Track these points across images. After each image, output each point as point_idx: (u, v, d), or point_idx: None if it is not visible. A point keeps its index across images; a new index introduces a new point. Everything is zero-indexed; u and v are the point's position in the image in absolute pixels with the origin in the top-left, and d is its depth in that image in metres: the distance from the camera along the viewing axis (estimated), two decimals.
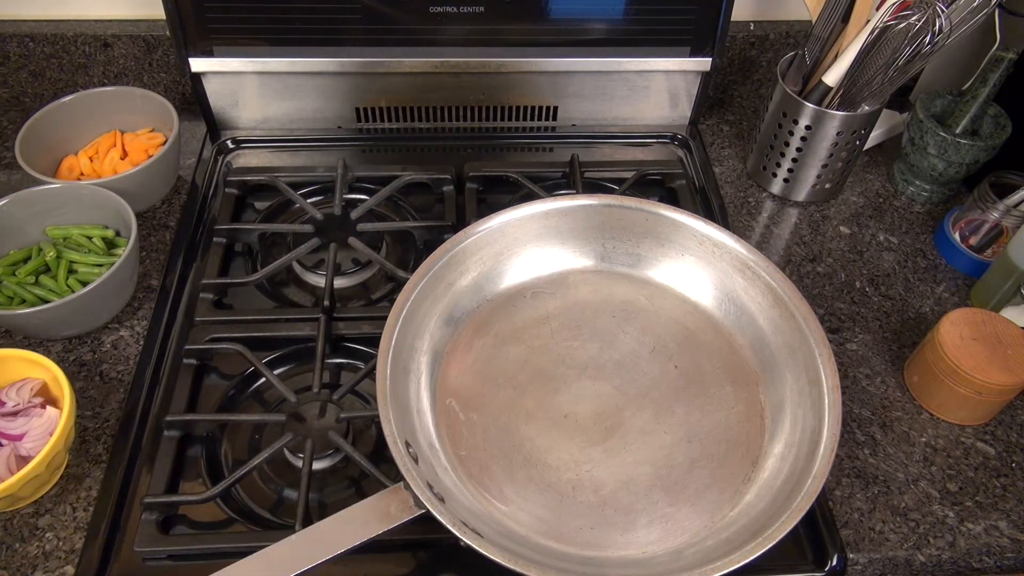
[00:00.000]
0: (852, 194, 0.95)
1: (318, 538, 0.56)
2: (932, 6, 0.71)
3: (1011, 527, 0.67)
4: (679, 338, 0.76)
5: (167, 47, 0.98)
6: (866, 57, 0.78)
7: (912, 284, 0.86)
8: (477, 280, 0.77)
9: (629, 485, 0.66)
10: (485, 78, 0.96)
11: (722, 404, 0.72)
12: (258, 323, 0.78)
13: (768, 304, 0.74)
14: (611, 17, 0.90)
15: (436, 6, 0.86)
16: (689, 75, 0.98)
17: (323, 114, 0.99)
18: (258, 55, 0.90)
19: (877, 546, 0.65)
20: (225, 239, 0.86)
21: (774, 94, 0.88)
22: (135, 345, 0.77)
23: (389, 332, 0.66)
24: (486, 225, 0.76)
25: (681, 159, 1.00)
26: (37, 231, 0.80)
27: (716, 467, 0.67)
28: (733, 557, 0.56)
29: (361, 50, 0.90)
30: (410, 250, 0.89)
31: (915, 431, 0.73)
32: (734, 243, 0.76)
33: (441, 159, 0.98)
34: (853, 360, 0.78)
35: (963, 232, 0.87)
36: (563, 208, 0.78)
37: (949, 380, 0.70)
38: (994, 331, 0.71)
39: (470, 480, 0.66)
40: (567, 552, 0.62)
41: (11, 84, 1.00)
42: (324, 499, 0.68)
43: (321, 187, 0.94)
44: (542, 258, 0.80)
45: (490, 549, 0.54)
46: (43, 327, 0.74)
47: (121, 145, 0.91)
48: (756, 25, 1.03)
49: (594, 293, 0.80)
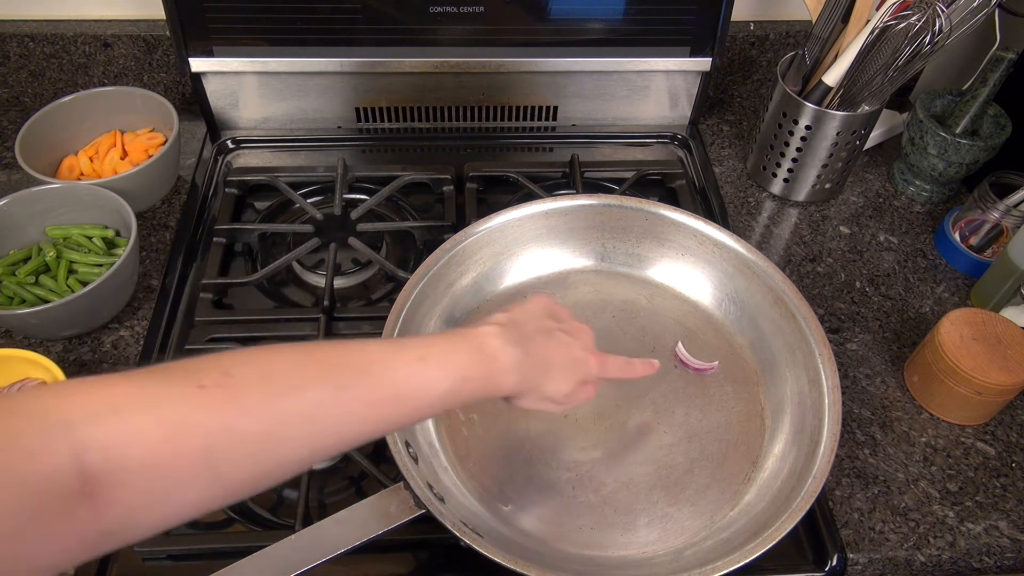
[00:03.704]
0: (852, 194, 0.95)
1: (318, 538, 0.56)
2: (932, 6, 0.71)
3: (1011, 527, 0.67)
4: (679, 338, 0.76)
5: (167, 47, 0.98)
6: (866, 57, 0.78)
7: (912, 284, 0.86)
8: (477, 280, 0.77)
9: (629, 485, 0.66)
10: (485, 78, 0.96)
11: (722, 404, 0.72)
12: (258, 323, 0.78)
13: (768, 304, 0.74)
14: (611, 17, 0.90)
15: (436, 6, 0.86)
16: (689, 75, 0.98)
17: (323, 114, 0.99)
18: (258, 55, 0.90)
19: (877, 546, 0.65)
20: (225, 239, 0.86)
21: (774, 94, 0.88)
22: (135, 345, 0.77)
23: (389, 332, 0.66)
24: (486, 225, 0.76)
25: (681, 159, 1.00)
26: (37, 231, 0.80)
27: (716, 467, 0.68)
28: (733, 557, 0.56)
29: (361, 50, 0.90)
30: (410, 250, 0.89)
31: (915, 431, 0.73)
32: (734, 243, 0.76)
33: (441, 159, 0.98)
34: (853, 360, 0.78)
35: (963, 232, 0.87)
36: (563, 208, 0.78)
37: (949, 380, 0.70)
38: (994, 331, 0.71)
39: (470, 480, 0.66)
40: (567, 552, 0.62)
41: (11, 84, 1.00)
42: (324, 499, 0.68)
43: (321, 187, 0.94)
44: (542, 258, 0.80)
45: (490, 549, 0.54)
46: (43, 327, 0.74)
47: (121, 145, 0.91)
48: (756, 25, 1.03)
49: (594, 293, 0.80)
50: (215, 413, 0.38)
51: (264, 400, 0.40)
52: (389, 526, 0.56)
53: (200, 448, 0.38)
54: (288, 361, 0.43)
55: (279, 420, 0.40)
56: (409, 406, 0.46)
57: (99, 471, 0.35)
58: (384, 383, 0.44)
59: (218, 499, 0.40)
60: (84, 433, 0.35)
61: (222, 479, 0.39)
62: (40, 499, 0.33)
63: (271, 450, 0.41)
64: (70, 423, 0.35)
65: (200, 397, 0.38)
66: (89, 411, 0.36)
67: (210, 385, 0.39)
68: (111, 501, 0.35)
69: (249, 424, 0.39)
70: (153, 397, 0.38)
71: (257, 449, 0.40)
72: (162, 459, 0.37)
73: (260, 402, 0.40)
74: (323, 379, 0.43)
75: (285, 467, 0.42)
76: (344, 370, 0.44)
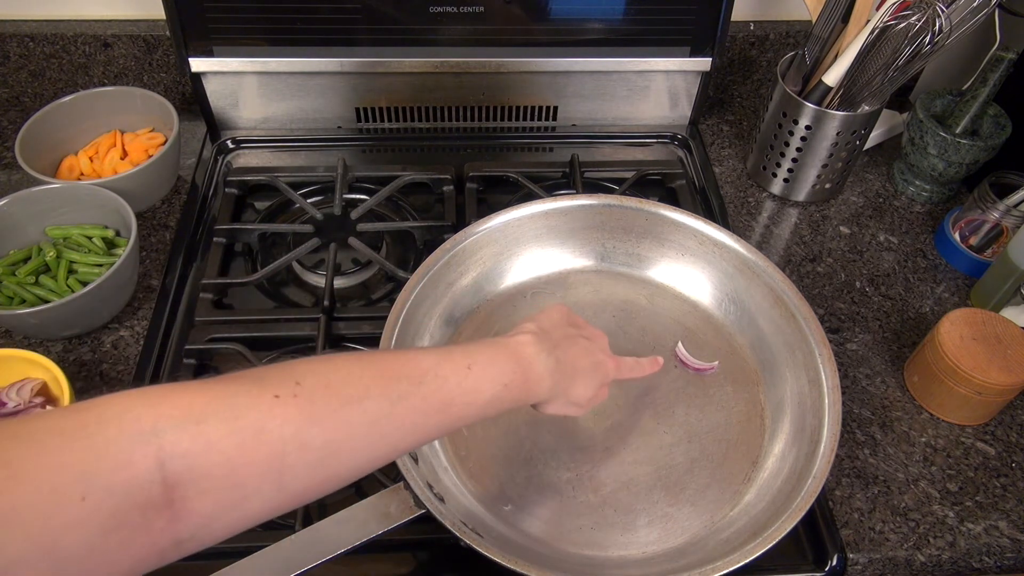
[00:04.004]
0: (852, 194, 0.95)
1: (318, 538, 0.56)
2: (932, 6, 0.71)
3: (1011, 527, 0.67)
4: (679, 338, 0.76)
5: (167, 47, 0.98)
6: (866, 57, 0.78)
7: (912, 284, 0.86)
8: (477, 280, 0.77)
9: (629, 485, 0.66)
10: (485, 78, 0.96)
11: (722, 404, 0.72)
12: (258, 323, 0.78)
13: (768, 304, 0.74)
14: (611, 17, 0.90)
15: (436, 6, 0.86)
16: (689, 75, 0.98)
17: (323, 114, 0.99)
18: (258, 55, 0.90)
19: (877, 546, 0.65)
20: (225, 239, 0.86)
21: (774, 94, 0.88)
22: (135, 345, 0.77)
23: (389, 332, 0.66)
24: (486, 225, 0.76)
25: (681, 159, 1.00)
26: (37, 231, 0.80)
27: (716, 467, 0.68)
28: (733, 557, 0.56)
29: (361, 50, 0.90)
30: (410, 250, 0.89)
31: (915, 431, 0.73)
32: (734, 243, 0.76)
33: (441, 159, 0.98)
34: (853, 360, 0.78)
35: (963, 232, 0.87)
36: (563, 208, 0.78)
37: (949, 380, 0.70)
38: (994, 331, 0.71)
39: (470, 480, 0.66)
40: (567, 552, 0.62)
41: (11, 84, 1.00)
42: (324, 499, 0.67)
43: (321, 187, 0.94)
44: (542, 258, 0.80)
45: (490, 549, 0.54)
46: (43, 327, 0.74)
47: (121, 145, 0.91)
48: (756, 25, 1.03)
49: (594, 293, 0.80)
50: (288, 422, 0.39)
51: (330, 410, 0.41)
52: (389, 526, 0.56)
53: (271, 457, 0.38)
54: (349, 371, 0.44)
55: (343, 429, 0.41)
56: (457, 414, 0.47)
57: (180, 480, 0.35)
58: (435, 393, 0.46)
59: (278, 509, 0.41)
60: (168, 441, 0.35)
61: (286, 488, 0.40)
62: (124, 508, 0.34)
63: (332, 459, 0.41)
64: (157, 432, 0.35)
65: (274, 406, 0.39)
66: (175, 419, 0.36)
67: (284, 395, 0.40)
68: (188, 511, 0.36)
69: (316, 434, 0.40)
70: (231, 407, 0.38)
71: (320, 457, 0.41)
72: (236, 468, 0.37)
73: (327, 411, 0.41)
74: (381, 390, 0.44)
75: (341, 477, 0.43)
76: (401, 381, 0.45)
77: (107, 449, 0.34)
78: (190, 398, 0.37)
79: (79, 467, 0.33)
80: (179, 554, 0.37)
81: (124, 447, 0.34)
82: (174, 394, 0.37)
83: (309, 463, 0.40)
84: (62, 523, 0.32)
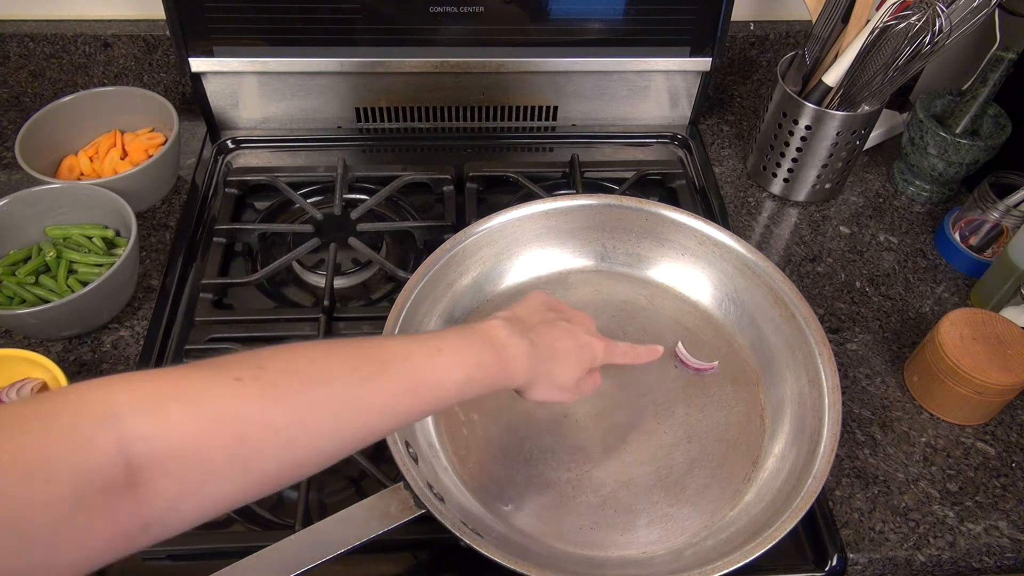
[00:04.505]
0: (852, 194, 0.95)
1: (318, 538, 0.56)
2: (932, 6, 0.71)
3: (1011, 527, 0.67)
4: (679, 338, 0.76)
5: (167, 47, 0.98)
6: (866, 57, 0.78)
7: (912, 284, 0.86)
8: (477, 280, 0.77)
9: (629, 485, 0.66)
10: (485, 78, 0.96)
11: (722, 404, 0.72)
12: (258, 323, 0.78)
13: (768, 304, 0.74)
14: (611, 17, 0.90)
15: (436, 6, 0.86)
16: (689, 75, 0.98)
17: (323, 114, 0.99)
18: (258, 55, 0.90)
19: (877, 546, 0.65)
20: (225, 239, 0.86)
21: (774, 94, 0.88)
22: (135, 345, 0.77)
23: (389, 332, 0.66)
24: (486, 225, 0.76)
25: (681, 159, 1.00)
26: (37, 231, 0.80)
27: (716, 467, 0.68)
28: (733, 557, 0.56)
29: (361, 50, 0.90)
30: (410, 250, 0.89)
31: (915, 431, 0.73)
32: (734, 243, 0.76)
33: (441, 159, 0.98)
34: (853, 360, 0.78)
35: (963, 232, 0.87)
36: (563, 208, 0.78)
37: (949, 380, 0.70)
38: (994, 331, 0.71)
39: (470, 480, 0.66)
40: (567, 552, 0.62)
41: (11, 84, 1.00)
42: (324, 499, 0.68)
43: (321, 187, 0.94)
44: (542, 258, 0.80)
45: (490, 549, 0.54)
46: (43, 327, 0.74)
47: (121, 145, 0.91)
48: (756, 25, 1.03)
49: (594, 293, 0.80)
50: (249, 403, 0.40)
51: (294, 390, 0.41)
52: (389, 526, 0.56)
53: (234, 437, 0.39)
54: (314, 356, 0.44)
55: (308, 410, 0.42)
56: (429, 396, 0.48)
57: (142, 461, 0.36)
58: (404, 374, 0.46)
59: (249, 492, 0.41)
60: (129, 425, 0.36)
61: (252, 470, 0.40)
62: (88, 490, 0.34)
63: (300, 440, 0.42)
64: (116, 416, 0.36)
65: (236, 388, 0.40)
66: (133, 405, 0.37)
67: (245, 377, 0.40)
68: (152, 493, 0.36)
69: (280, 414, 0.41)
70: (192, 390, 0.39)
71: (287, 439, 0.41)
72: (199, 449, 0.38)
73: (289, 392, 0.41)
74: (348, 372, 0.44)
75: (312, 459, 0.43)
76: (367, 363, 0.45)
77: (67, 433, 0.35)
78: (152, 383, 0.38)
79: (41, 451, 0.34)
80: (149, 539, 0.38)
81: (85, 431, 0.35)
82: (136, 380, 0.38)
83: (275, 445, 0.40)
84: (27, 501, 0.32)
